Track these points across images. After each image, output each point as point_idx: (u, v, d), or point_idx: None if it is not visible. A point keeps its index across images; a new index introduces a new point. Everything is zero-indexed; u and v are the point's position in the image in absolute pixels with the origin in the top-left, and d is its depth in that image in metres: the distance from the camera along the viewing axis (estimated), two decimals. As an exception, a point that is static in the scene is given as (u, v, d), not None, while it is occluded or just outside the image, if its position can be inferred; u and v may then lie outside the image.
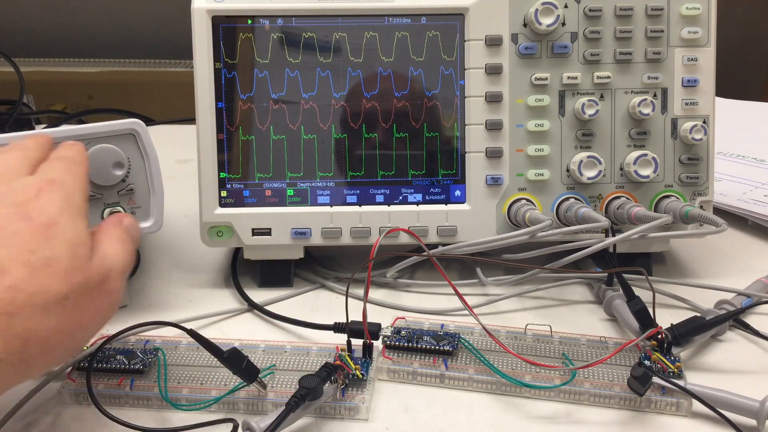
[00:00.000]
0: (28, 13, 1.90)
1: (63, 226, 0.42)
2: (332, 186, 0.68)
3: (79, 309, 0.41)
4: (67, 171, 0.47)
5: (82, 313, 0.41)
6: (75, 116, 1.23)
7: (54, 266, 0.40)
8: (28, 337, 0.38)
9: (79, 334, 0.42)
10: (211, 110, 0.66)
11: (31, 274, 0.39)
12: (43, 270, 0.39)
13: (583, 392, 0.51)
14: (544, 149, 0.67)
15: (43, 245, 0.40)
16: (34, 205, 0.42)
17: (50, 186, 0.44)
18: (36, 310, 0.39)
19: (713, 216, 0.63)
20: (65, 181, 0.45)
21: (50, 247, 0.40)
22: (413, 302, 0.67)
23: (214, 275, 0.72)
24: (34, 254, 0.40)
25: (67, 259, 0.41)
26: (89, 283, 0.41)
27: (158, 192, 0.63)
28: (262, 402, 0.50)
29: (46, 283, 0.39)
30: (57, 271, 0.40)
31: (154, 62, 1.75)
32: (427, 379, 0.54)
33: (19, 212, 0.41)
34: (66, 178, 0.46)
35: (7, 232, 0.40)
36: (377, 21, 0.67)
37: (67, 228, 0.42)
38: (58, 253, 0.40)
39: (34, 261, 0.39)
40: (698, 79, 0.67)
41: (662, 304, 0.65)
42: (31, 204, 0.42)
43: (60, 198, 0.43)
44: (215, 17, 0.66)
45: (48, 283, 0.39)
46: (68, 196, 0.44)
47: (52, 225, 0.41)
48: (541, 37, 0.66)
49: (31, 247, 0.40)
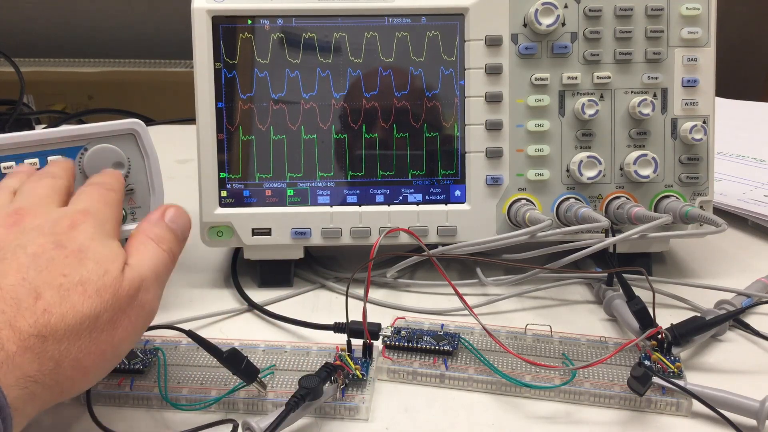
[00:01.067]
0: (28, 13, 1.90)
1: (94, 249, 0.43)
2: (332, 186, 0.68)
3: (112, 326, 0.42)
4: (100, 199, 0.49)
5: (115, 331, 0.42)
6: (75, 116, 1.23)
7: (86, 286, 0.41)
8: (61, 358, 0.39)
9: (112, 353, 0.42)
10: (211, 110, 0.66)
11: (63, 296, 0.40)
12: (74, 291, 0.41)
13: (583, 392, 0.51)
14: (544, 149, 0.67)
15: (75, 268, 0.42)
16: (68, 235, 0.43)
17: (84, 217, 0.45)
18: (68, 332, 0.39)
19: (713, 216, 0.63)
20: (98, 210, 0.47)
21: (82, 269, 0.42)
22: (413, 302, 0.67)
23: (214, 275, 0.72)
24: (66, 277, 0.41)
25: (98, 277, 0.42)
26: (120, 297, 0.42)
27: (158, 192, 0.63)
28: (262, 402, 0.50)
29: (78, 303, 0.40)
30: (88, 290, 0.41)
31: (154, 62, 1.75)
32: (427, 379, 0.54)
33: (54, 241, 0.43)
34: (99, 207, 0.48)
35: (42, 260, 0.41)
36: (377, 21, 0.67)
37: (98, 250, 0.43)
38: (89, 274, 0.42)
39: (67, 284, 0.41)
40: (698, 79, 0.67)
41: (662, 304, 0.65)
42: (66, 234, 0.43)
43: (93, 227, 0.45)
44: (215, 17, 0.66)
45: (80, 302, 0.40)
46: (101, 224, 0.46)
47: (84, 250, 0.43)
48: (541, 37, 0.66)
49: (65, 271, 0.41)
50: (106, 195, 0.50)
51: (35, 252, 0.42)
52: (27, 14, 1.90)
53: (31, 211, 0.46)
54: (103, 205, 0.48)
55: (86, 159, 0.60)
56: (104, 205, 0.48)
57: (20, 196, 0.48)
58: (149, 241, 0.47)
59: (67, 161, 0.55)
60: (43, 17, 1.91)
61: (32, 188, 0.49)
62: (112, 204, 0.49)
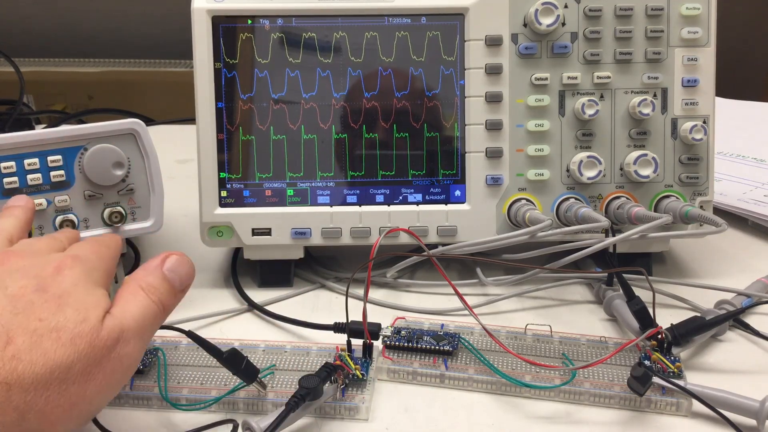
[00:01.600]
0: (28, 13, 1.90)
1: (76, 296, 0.40)
2: (332, 186, 0.68)
3: (85, 379, 0.38)
4: (93, 250, 0.46)
5: (87, 384, 0.39)
6: (75, 116, 1.23)
7: (60, 333, 0.38)
8: (25, 409, 0.36)
9: (83, 408, 0.39)
10: (211, 110, 0.66)
11: (35, 343, 0.37)
12: (48, 337, 0.38)
13: (583, 392, 0.51)
14: (544, 149, 0.67)
15: (53, 314, 0.39)
16: (53, 279, 0.41)
17: (72, 261, 0.43)
18: (36, 381, 0.37)
19: (713, 216, 0.63)
20: (88, 258, 0.44)
21: (60, 315, 0.39)
22: (413, 302, 0.67)
23: (214, 275, 0.72)
24: (42, 322, 0.38)
25: (75, 324, 0.39)
26: (97, 347, 0.39)
27: (158, 192, 0.63)
28: (262, 402, 0.50)
29: (50, 351, 0.37)
30: (62, 337, 0.38)
31: (154, 62, 1.75)
32: (427, 379, 0.54)
33: (37, 284, 0.40)
34: (90, 256, 0.45)
35: (21, 303, 0.39)
36: (377, 21, 0.67)
37: (80, 296, 0.41)
38: (66, 321, 0.39)
39: (41, 329, 0.38)
40: (698, 79, 0.67)
41: (662, 304, 0.65)
42: (50, 277, 0.41)
43: (79, 273, 0.42)
44: (215, 17, 0.66)
45: (52, 350, 0.38)
46: (89, 271, 0.43)
47: (66, 296, 0.40)
48: (541, 37, 0.66)
49: (42, 316, 0.39)
50: (100, 248, 0.47)
51: (15, 294, 0.39)
52: (27, 14, 1.90)
53: (19, 253, 0.44)
54: (95, 255, 0.45)
55: (86, 159, 0.60)
56: (96, 256, 0.45)
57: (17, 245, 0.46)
58: (139, 291, 0.43)
59: (73, 232, 0.53)
60: (43, 17, 1.91)
61: (30, 242, 0.47)
62: (104, 258, 0.46)
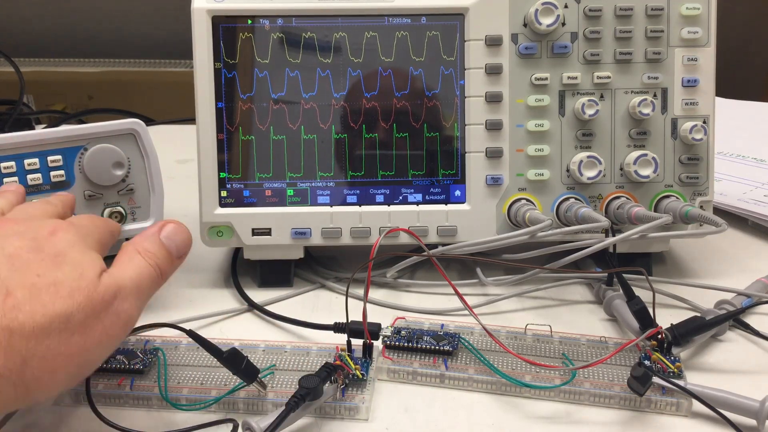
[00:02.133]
0: (28, 13, 1.90)
1: (72, 256, 0.42)
2: (332, 186, 0.68)
3: (84, 330, 0.40)
4: (88, 219, 0.49)
5: (87, 335, 0.40)
6: (75, 116, 1.23)
7: (58, 287, 0.40)
8: (27, 355, 0.38)
9: (83, 358, 0.41)
10: (211, 110, 0.66)
11: (34, 295, 0.39)
12: (46, 291, 0.40)
13: (583, 392, 0.51)
14: (544, 149, 0.67)
15: (50, 270, 0.41)
16: (48, 240, 0.43)
17: (68, 225, 0.45)
18: (37, 330, 0.38)
19: (713, 216, 0.63)
20: (83, 224, 0.47)
21: (57, 272, 0.41)
22: (413, 302, 0.67)
23: (214, 275, 0.72)
24: (40, 278, 0.40)
25: (73, 280, 0.41)
26: (94, 301, 0.41)
27: (158, 192, 0.63)
28: (262, 402, 0.50)
29: (49, 303, 0.39)
30: (60, 291, 0.40)
31: (154, 62, 1.75)
32: (427, 379, 0.54)
33: (33, 245, 0.42)
34: (85, 223, 0.47)
35: (18, 262, 0.41)
36: (377, 21, 0.67)
37: (76, 256, 0.42)
38: (64, 276, 0.41)
39: (39, 284, 0.40)
40: (698, 79, 0.67)
41: (662, 304, 0.65)
42: (45, 239, 0.43)
43: (74, 236, 0.44)
44: (215, 17, 0.66)
45: (50, 302, 0.39)
46: (83, 236, 0.45)
47: (62, 255, 0.42)
48: (541, 37, 0.66)
49: (39, 272, 0.40)
50: (96, 219, 0.50)
51: (11, 254, 0.41)
52: (27, 14, 1.90)
53: (14, 219, 0.46)
54: (90, 223, 0.48)
55: (86, 159, 0.60)
56: (92, 224, 0.48)
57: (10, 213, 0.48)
58: (136, 254, 0.46)
59: (68, 195, 0.55)
60: (43, 17, 1.91)
61: (23, 207, 0.49)
62: (100, 227, 0.48)
